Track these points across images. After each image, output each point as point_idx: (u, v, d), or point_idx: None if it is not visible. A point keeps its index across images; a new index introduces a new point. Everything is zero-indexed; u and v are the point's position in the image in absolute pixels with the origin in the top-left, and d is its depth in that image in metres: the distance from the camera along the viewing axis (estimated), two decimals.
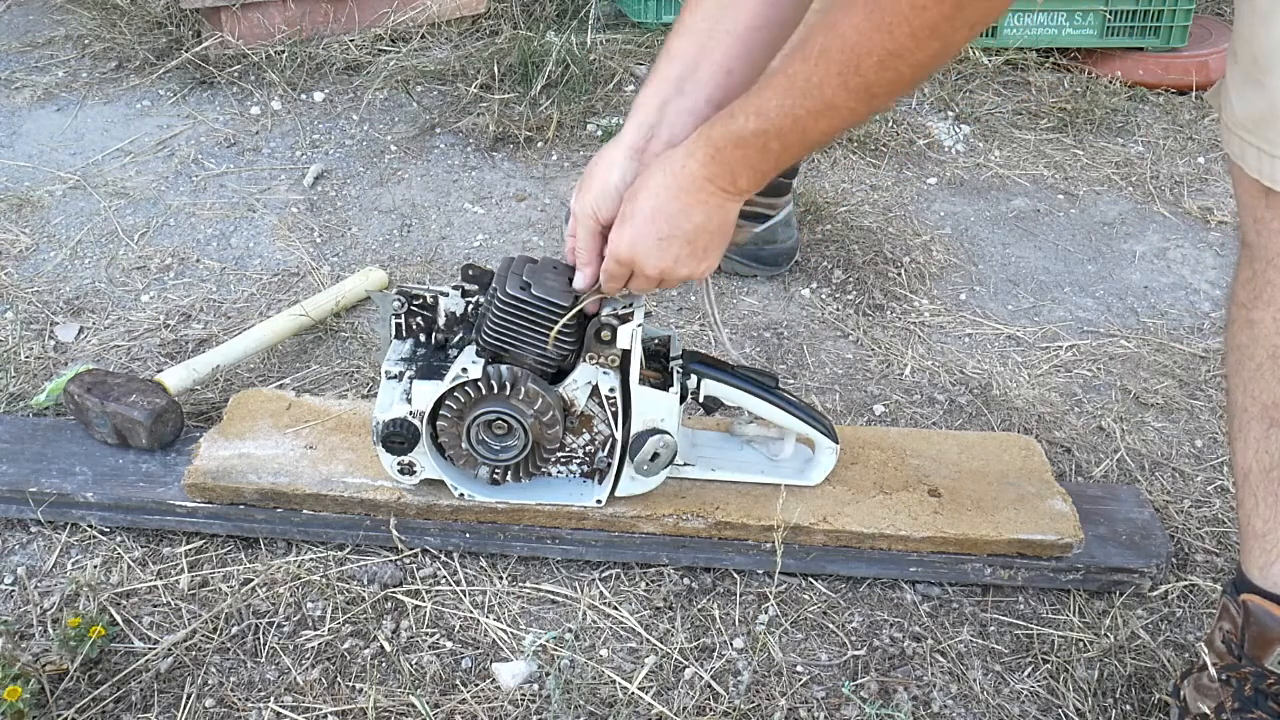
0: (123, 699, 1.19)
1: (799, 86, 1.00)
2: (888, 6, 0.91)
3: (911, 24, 0.91)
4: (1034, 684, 1.26)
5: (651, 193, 1.10)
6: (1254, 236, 1.09)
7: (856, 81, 0.97)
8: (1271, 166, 1.02)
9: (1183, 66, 2.64)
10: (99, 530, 1.38)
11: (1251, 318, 1.11)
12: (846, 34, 0.95)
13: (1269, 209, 1.06)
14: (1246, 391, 1.13)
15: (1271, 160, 1.02)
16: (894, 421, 1.65)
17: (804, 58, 0.99)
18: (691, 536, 1.34)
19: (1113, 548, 1.36)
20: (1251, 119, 1.03)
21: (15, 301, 1.82)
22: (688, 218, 1.10)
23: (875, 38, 0.93)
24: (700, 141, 1.07)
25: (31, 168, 2.21)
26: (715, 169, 1.07)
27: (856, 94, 0.98)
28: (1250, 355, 1.12)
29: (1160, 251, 2.11)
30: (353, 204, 2.15)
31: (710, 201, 1.10)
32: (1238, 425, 1.15)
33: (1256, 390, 1.12)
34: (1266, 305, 1.10)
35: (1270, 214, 1.06)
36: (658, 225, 1.10)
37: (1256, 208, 1.07)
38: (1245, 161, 1.05)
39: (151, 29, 2.68)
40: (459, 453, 1.29)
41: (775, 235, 1.93)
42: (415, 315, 1.30)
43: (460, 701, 1.20)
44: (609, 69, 2.56)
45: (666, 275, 1.14)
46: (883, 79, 0.96)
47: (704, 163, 1.07)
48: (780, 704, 1.21)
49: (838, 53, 0.96)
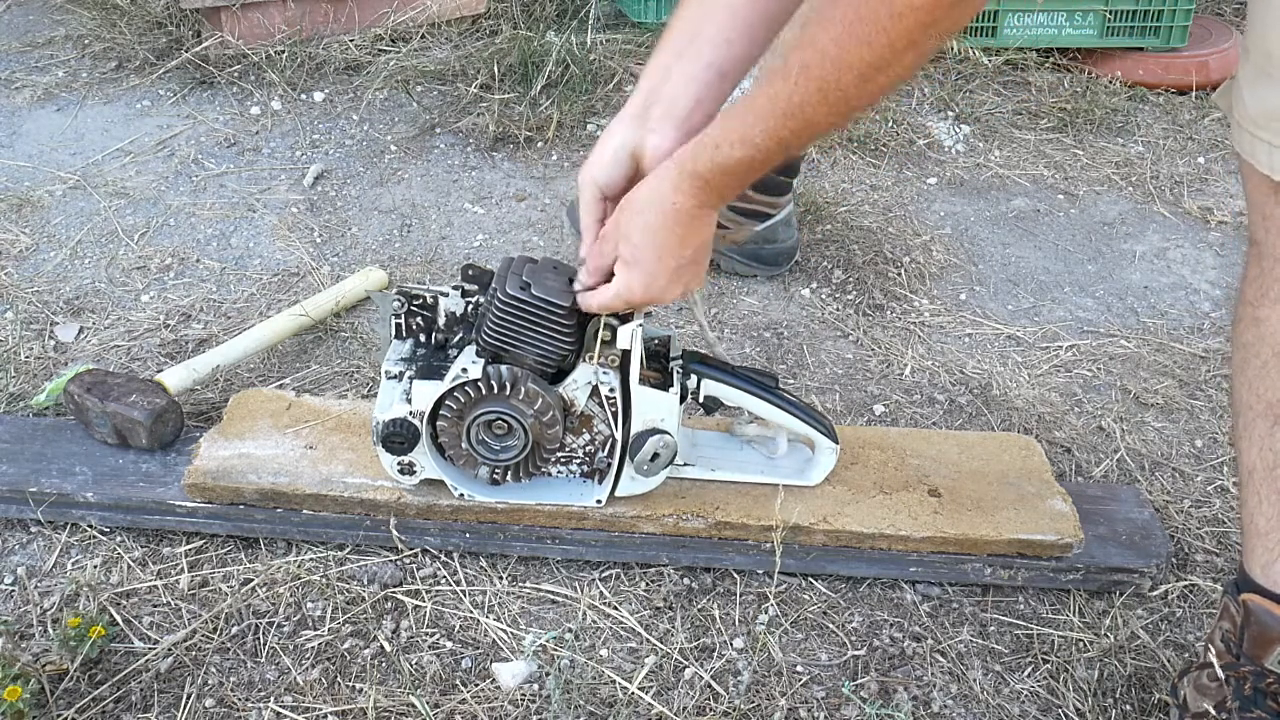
0: (123, 699, 1.19)
1: (781, 108, 1.01)
2: (867, 18, 0.92)
3: (890, 34, 0.92)
4: (1034, 684, 1.26)
5: (650, 234, 1.12)
6: (1262, 234, 1.10)
7: (837, 96, 0.98)
8: None
9: (1183, 66, 2.64)
10: (99, 530, 1.38)
11: (1258, 315, 1.11)
12: (826, 49, 0.96)
13: (1279, 205, 1.06)
14: (1252, 389, 1.13)
15: None
16: (894, 421, 1.65)
17: (784, 76, 1.00)
18: (691, 536, 1.34)
19: (1113, 548, 1.36)
20: (1264, 114, 1.04)
21: (15, 301, 1.82)
22: (688, 244, 1.13)
23: (855, 51, 0.94)
24: (685, 176, 1.09)
25: (31, 168, 2.21)
26: (705, 195, 1.10)
27: (837, 107, 1.00)
28: (1256, 353, 1.12)
29: (1160, 251, 2.11)
30: (353, 204, 2.15)
31: (703, 223, 1.13)
32: (1242, 423, 1.15)
33: (1261, 388, 1.12)
34: (1274, 303, 1.10)
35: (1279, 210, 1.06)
36: (666, 264, 1.13)
37: (1266, 204, 1.08)
38: (1256, 157, 1.05)
39: (151, 29, 2.68)
40: (459, 453, 1.29)
41: (775, 235, 1.93)
42: (415, 315, 1.30)
43: (460, 701, 1.20)
44: (609, 69, 2.56)
45: (678, 297, 1.17)
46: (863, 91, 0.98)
47: (693, 195, 1.09)
48: (780, 704, 1.21)
49: (818, 68, 0.97)
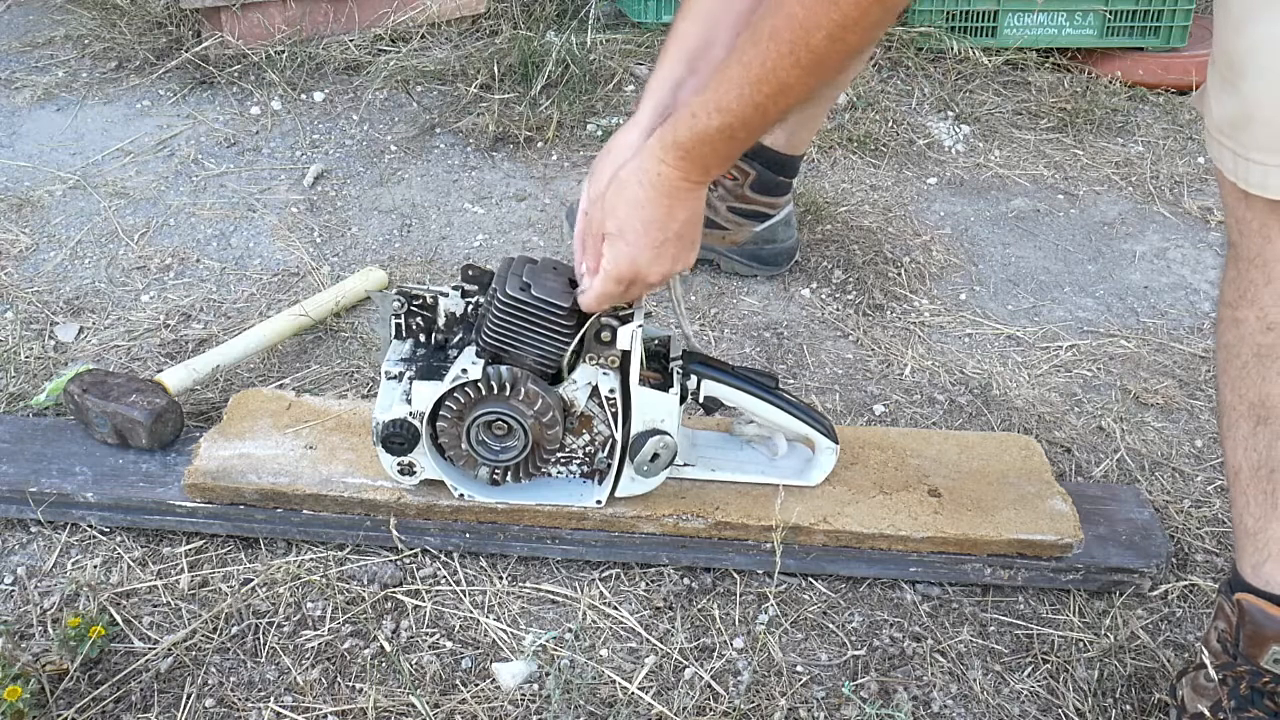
0: (123, 699, 1.19)
1: (754, 73, 1.05)
2: None
3: None
4: (1034, 684, 1.26)
5: (635, 205, 1.14)
6: (1237, 236, 1.11)
7: (808, 57, 1.02)
8: (1246, 169, 1.04)
9: (1183, 66, 2.64)
10: (99, 530, 1.38)
11: (1237, 316, 1.12)
12: (794, 12, 1.00)
13: (1249, 209, 1.07)
14: (1234, 390, 1.14)
15: (1246, 163, 1.03)
16: (894, 421, 1.65)
17: (754, 41, 1.04)
18: (691, 537, 1.34)
19: (1113, 548, 1.36)
20: (1228, 122, 1.05)
21: (15, 301, 1.82)
22: (674, 218, 1.15)
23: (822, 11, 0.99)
24: (668, 146, 1.12)
25: (31, 168, 2.21)
26: (688, 166, 1.12)
27: (809, 69, 1.04)
28: (1236, 354, 1.13)
29: (1160, 251, 2.11)
30: (353, 204, 2.15)
31: (689, 196, 1.15)
32: (1227, 424, 1.16)
33: (1243, 388, 1.13)
34: (1250, 304, 1.10)
35: (1250, 214, 1.07)
36: (651, 235, 1.15)
37: (1238, 209, 1.09)
38: (1223, 164, 1.07)
39: (151, 29, 2.68)
40: (459, 453, 1.29)
41: (775, 235, 1.93)
42: (415, 315, 1.30)
43: (460, 701, 1.20)
44: (609, 69, 2.56)
45: (667, 276, 1.18)
46: (833, 51, 1.02)
47: (676, 165, 1.12)
48: (780, 704, 1.21)
49: (787, 31, 1.01)
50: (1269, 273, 1.08)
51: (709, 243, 1.88)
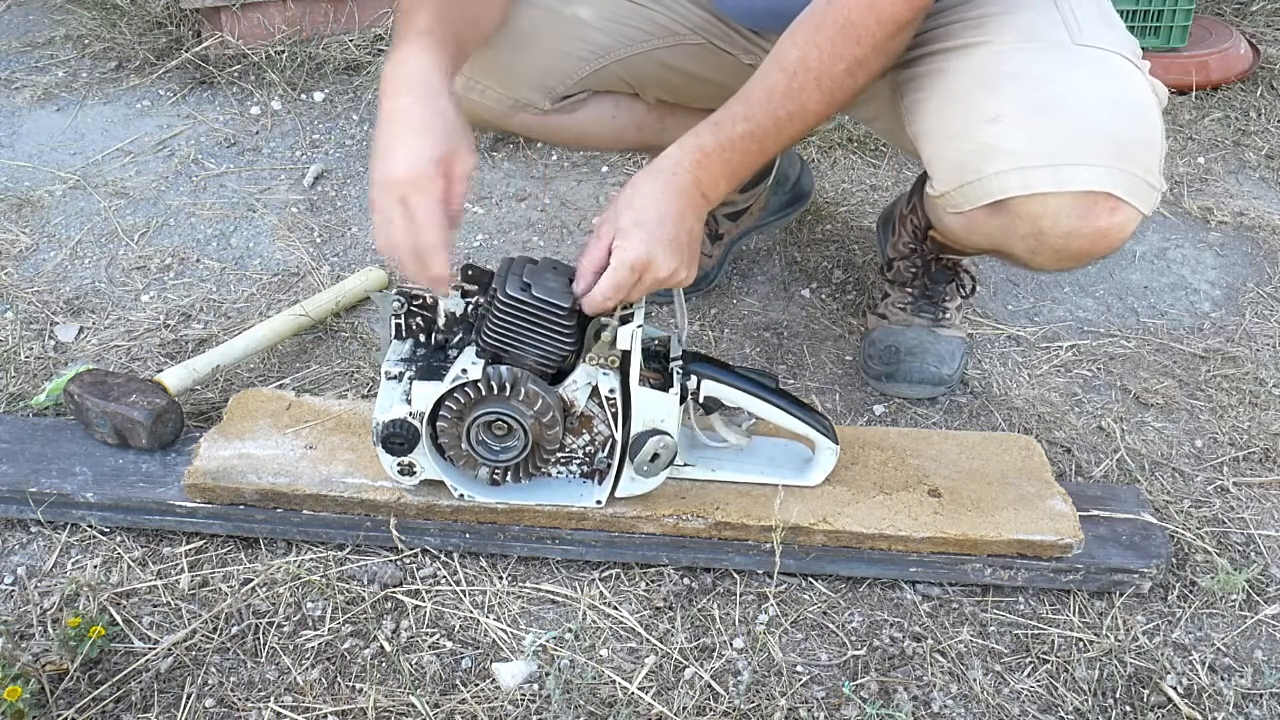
0: (123, 699, 1.19)
1: (780, 92, 1.23)
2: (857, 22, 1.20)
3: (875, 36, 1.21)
4: (1034, 684, 1.26)
5: (651, 200, 1.20)
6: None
7: (829, 84, 1.22)
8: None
9: (1183, 66, 2.63)
10: (99, 530, 1.38)
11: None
12: (822, 45, 1.21)
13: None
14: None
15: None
16: (894, 421, 1.65)
17: (781, 68, 1.23)
18: (691, 537, 1.34)
19: (1113, 548, 1.36)
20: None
21: (15, 301, 1.82)
22: (685, 221, 1.21)
23: (847, 48, 1.21)
24: (688, 149, 1.23)
25: (31, 168, 2.22)
26: (701, 174, 1.22)
27: (827, 96, 1.23)
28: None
29: (1160, 251, 2.11)
30: (353, 204, 2.15)
31: (698, 207, 1.23)
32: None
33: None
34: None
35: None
36: (666, 229, 1.19)
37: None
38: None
39: (151, 29, 2.68)
40: (459, 453, 1.29)
41: (784, 176, 1.97)
42: (415, 315, 1.30)
43: (460, 701, 1.20)
44: None
45: (673, 276, 1.21)
46: (846, 84, 1.23)
47: (692, 169, 1.22)
48: (780, 704, 1.21)
49: (815, 61, 1.22)
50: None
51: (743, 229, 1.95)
